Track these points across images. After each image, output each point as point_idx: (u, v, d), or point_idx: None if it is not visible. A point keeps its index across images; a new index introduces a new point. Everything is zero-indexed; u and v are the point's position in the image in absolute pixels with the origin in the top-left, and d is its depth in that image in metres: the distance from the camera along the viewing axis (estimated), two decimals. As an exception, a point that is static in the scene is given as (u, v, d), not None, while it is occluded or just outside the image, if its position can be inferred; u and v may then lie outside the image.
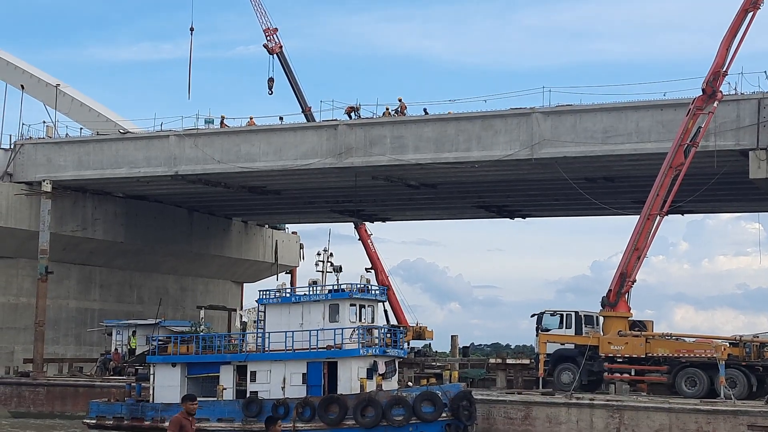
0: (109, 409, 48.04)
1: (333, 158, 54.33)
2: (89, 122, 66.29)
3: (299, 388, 44.24)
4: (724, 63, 45.30)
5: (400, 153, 53.03)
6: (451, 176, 56.27)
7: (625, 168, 52.30)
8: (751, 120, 46.46)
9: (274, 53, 64.12)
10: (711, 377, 43.22)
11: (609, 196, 56.58)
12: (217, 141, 57.94)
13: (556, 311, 49.09)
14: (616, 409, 41.30)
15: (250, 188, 62.19)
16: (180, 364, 47.48)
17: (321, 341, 44.43)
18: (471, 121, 52.00)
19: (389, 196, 63.61)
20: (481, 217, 71.58)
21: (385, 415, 41.64)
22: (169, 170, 58.53)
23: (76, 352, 66.88)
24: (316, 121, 58.25)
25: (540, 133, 50.04)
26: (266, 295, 47.26)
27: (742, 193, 55.59)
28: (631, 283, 46.44)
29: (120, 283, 70.31)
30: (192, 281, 75.46)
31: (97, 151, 61.08)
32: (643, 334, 46.00)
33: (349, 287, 45.66)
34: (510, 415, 43.10)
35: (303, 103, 63.38)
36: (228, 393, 45.73)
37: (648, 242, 46.42)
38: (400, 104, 55.01)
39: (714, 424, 39.27)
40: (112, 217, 66.09)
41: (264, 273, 79.12)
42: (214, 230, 73.39)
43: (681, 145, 45.27)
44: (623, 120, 49.03)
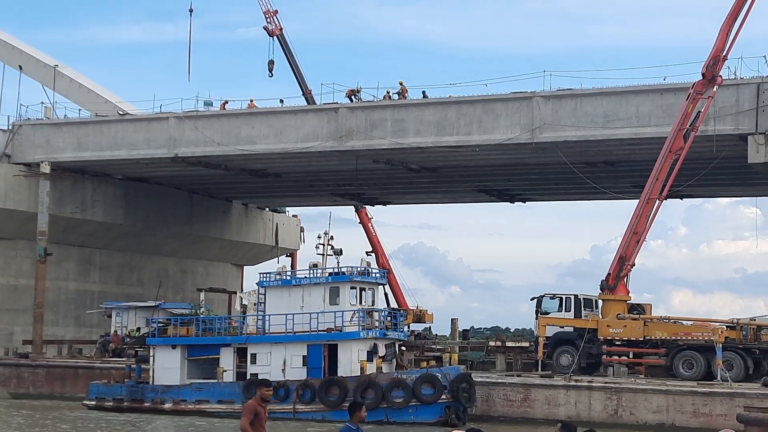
0: (108, 391, 48.26)
1: (334, 141, 54.40)
2: (88, 103, 66.19)
3: (299, 370, 44.46)
4: (724, 47, 45.36)
5: (401, 136, 53.11)
6: (451, 160, 56.33)
7: (624, 152, 52.40)
8: (750, 105, 46.56)
9: (274, 35, 64.02)
10: (708, 360, 43.48)
11: (609, 180, 56.69)
12: (217, 123, 57.96)
13: (556, 295, 49.26)
14: (614, 392, 41.53)
15: (251, 171, 62.21)
16: (180, 346, 47.68)
17: (321, 324, 44.63)
18: (472, 105, 52.06)
19: (390, 179, 63.68)
20: (481, 201, 71.67)
21: (385, 397, 41.88)
22: (169, 152, 58.55)
23: (76, 334, 66.95)
24: (317, 104, 58.25)
25: (540, 117, 50.10)
26: (267, 277, 47.43)
27: (741, 177, 55.70)
28: (630, 267, 46.63)
29: (120, 265, 70.36)
30: (192, 264, 75.52)
31: (96, 133, 61.06)
32: (641, 317, 46.23)
33: (349, 270, 45.83)
34: (509, 397, 43.33)
35: (303, 86, 63.34)
36: (228, 375, 45.95)
37: (647, 226, 46.58)
38: (401, 87, 55.02)
39: (711, 406, 39.52)
40: (112, 199, 66.10)
41: (264, 256, 79.20)
42: (214, 213, 73.42)
43: (680, 129, 45.38)
44: (623, 104, 49.12)
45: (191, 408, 45.56)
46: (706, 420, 39.41)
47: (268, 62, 63.96)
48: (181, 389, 46.52)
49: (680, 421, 40.06)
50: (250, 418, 15.22)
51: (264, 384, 15.72)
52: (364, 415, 14.64)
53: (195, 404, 45.68)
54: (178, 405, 46.00)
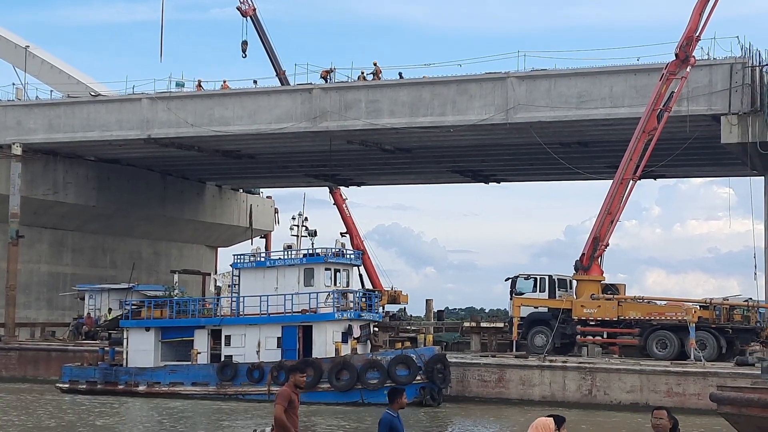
0: (82, 374, 48.10)
1: (308, 122, 54.21)
2: (60, 85, 65.64)
3: (274, 352, 44.44)
4: (697, 28, 45.47)
5: (375, 117, 52.99)
6: (426, 141, 56.29)
7: (598, 133, 52.50)
8: (723, 85, 46.72)
9: (247, 16, 63.57)
10: (681, 339, 43.74)
11: (583, 161, 56.79)
12: (190, 104, 57.62)
13: (530, 275, 49.34)
14: (589, 372, 41.73)
15: (224, 152, 61.95)
16: (154, 328, 47.57)
17: (296, 305, 44.60)
18: (446, 86, 51.99)
19: (364, 160, 63.58)
20: (456, 182, 71.68)
21: (360, 378, 41.91)
22: (142, 134, 58.19)
23: (49, 317, 66.63)
24: (291, 85, 57.98)
25: (515, 97, 50.10)
26: (241, 259, 47.34)
27: (714, 157, 55.94)
28: (604, 247, 46.78)
29: (92, 247, 70.00)
30: (166, 245, 75.25)
31: (68, 114, 60.61)
32: (615, 297, 46.41)
33: (324, 251, 45.79)
34: (484, 378, 43.45)
35: (277, 66, 62.97)
36: (202, 357, 45.88)
37: (621, 206, 46.73)
38: (376, 68, 54.86)
39: (684, 385, 39.80)
40: (84, 180, 65.68)
41: (238, 237, 79.02)
42: (187, 194, 73.11)
43: (654, 109, 45.49)
44: (597, 85, 49.19)
45: (165, 390, 45.45)
46: (680, 399, 39.67)
47: (242, 43, 63.51)
48: (155, 371, 46.39)
49: (654, 400, 40.21)
50: (285, 406, 14.21)
51: (298, 370, 14.70)
52: (405, 402, 13.82)
53: (169, 386, 45.58)
54: (152, 387, 45.90)
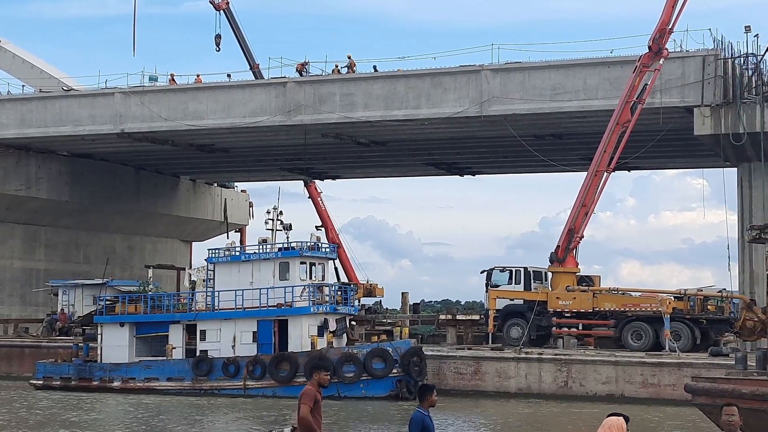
0: (56, 370, 47.80)
1: (282, 116, 54.06)
2: (32, 79, 65.21)
3: (250, 346, 44.32)
4: (669, 21, 45.66)
5: (350, 110, 52.90)
6: (400, 134, 56.28)
7: (573, 125, 52.63)
8: (696, 77, 46.94)
9: (220, 9, 63.25)
10: (656, 330, 43.93)
11: (557, 153, 56.93)
12: (164, 98, 57.35)
13: (506, 267, 49.42)
14: (564, 363, 41.86)
15: (198, 146, 61.71)
16: (128, 323, 47.33)
17: (271, 299, 44.49)
18: (420, 79, 51.98)
19: (339, 153, 63.49)
20: (431, 175, 71.68)
21: (336, 371, 41.85)
22: (115, 128, 57.88)
23: (22, 313, 66.21)
24: (265, 79, 57.79)
25: (489, 90, 50.14)
26: (216, 253, 47.17)
27: (688, 149, 56.20)
28: (579, 239, 46.93)
29: (66, 242, 69.59)
30: (140, 240, 74.89)
31: (40, 109, 60.20)
32: (590, 289, 46.56)
33: (299, 245, 45.71)
34: (460, 371, 43.52)
35: (251, 60, 62.74)
36: (177, 352, 45.70)
37: (595, 198, 46.89)
38: (350, 61, 54.75)
39: (659, 376, 39.99)
40: (57, 175, 65.27)
41: (213, 232, 78.74)
42: (161, 189, 72.78)
43: (628, 102, 45.64)
44: (571, 77, 49.29)
45: (140, 386, 45.25)
46: (655, 390, 39.88)
47: (215, 36, 63.16)
48: (130, 367, 46.17)
49: (629, 391, 40.48)
50: (311, 406, 13.74)
51: (323, 368, 14.21)
52: (435, 399, 13.51)
53: (144, 382, 45.39)
54: (127, 383, 45.68)
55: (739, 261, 48.47)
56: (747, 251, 47.32)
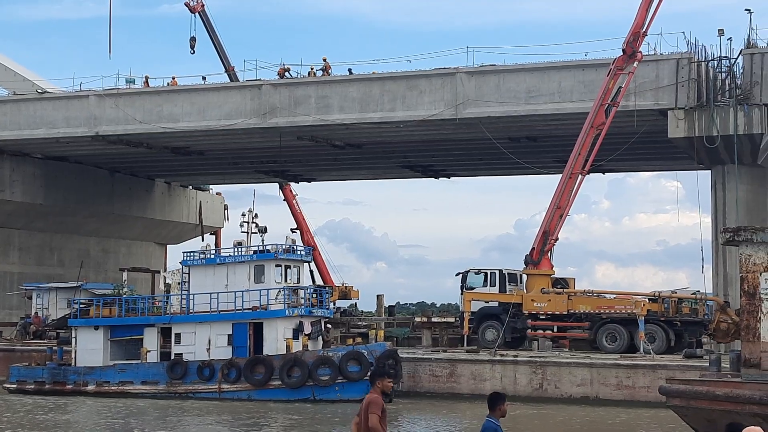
0: (30, 374, 47.56)
1: (257, 118, 53.96)
2: (5, 82, 64.84)
3: (225, 349, 44.21)
4: (643, 24, 45.88)
5: (325, 113, 52.86)
6: (376, 136, 56.28)
7: (547, 127, 52.77)
8: (670, 80, 47.18)
9: (195, 12, 63.13)
10: (631, 332, 44.08)
11: (532, 156, 57.07)
12: (139, 101, 57.14)
13: (481, 270, 49.49)
14: (539, 365, 41.96)
15: (173, 149, 61.50)
16: (103, 327, 47.15)
17: (246, 302, 44.40)
18: (395, 81, 52.01)
19: (314, 156, 63.41)
20: (406, 177, 71.72)
21: (312, 375, 41.81)
22: (90, 131, 57.61)
23: (-5, 317, 65.85)
24: (240, 81, 57.68)
25: (464, 93, 50.22)
26: (191, 256, 47.02)
27: (662, 151, 56.42)
28: (554, 241, 47.04)
29: (40, 245, 69.20)
30: (114, 243, 74.53)
31: (14, 112, 59.86)
32: (565, 291, 46.68)
33: (274, 248, 45.64)
34: (435, 373, 43.55)
35: (226, 62, 62.62)
36: (152, 355, 45.53)
37: (570, 201, 47.00)
38: (325, 64, 54.71)
39: (634, 378, 40.14)
40: (31, 178, 64.86)
41: (188, 234, 78.47)
42: (136, 191, 72.47)
43: (602, 104, 45.82)
44: (546, 80, 49.42)
45: (115, 390, 45.07)
46: (630, 392, 40.03)
47: (190, 39, 63.07)
48: (105, 371, 45.97)
49: (604, 393, 40.61)
50: (380, 415, 13.18)
51: (386, 375, 13.60)
52: (506, 409, 13.21)
53: (118, 386, 45.19)
54: (102, 387, 45.48)
55: (714, 263, 48.73)
56: (721, 253, 47.58)
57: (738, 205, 47.68)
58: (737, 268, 38.59)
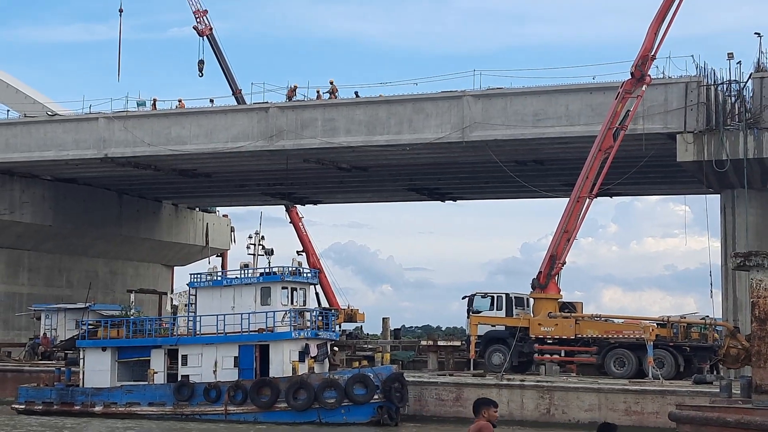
0: (38, 394, 47.52)
1: (264, 141, 54.08)
2: (16, 104, 65.18)
3: (231, 371, 44.10)
4: (652, 47, 45.87)
5: (332, 136, 52.94)
6: (382, 159, 56.32)
7: (554, 151, 52.75)
8: (679, 103, 47.14)
9: (204, 35, 63.49)
10: (639, 358, 43.84)
11: (539, 179, 57.02)
12: (147, 123, 57.32)
13: (487, 293, 49.40)
14: (546, 390, 41.73)
15: (181, 171, 61.64)
16: (110, 348, 47.09)
17: (253, 324, 44.34)
18: (402, 104, 52.07)
19: (320, 179, 63.50)
20: (412, 200, 71.71)
21: (317, 397, 41.69)
22: (99, 153, 57.81)
23: (4, 337, 65.87)
24: (247, 104, 57.87)
25: (471, 116, 50.24)
26: (197, 278, 47.01)
27: (670, 175, 56.37)
28: (561, 265, 46.90)
29: (49, 266, 69.34)
30: (122, 265, 74.66)
31: (24, 134, 60.13)
32: (572, 315, 46.51)
33: (280, 270, 45.59)
34: (441, 397, 43.35)
35: (233, 85, 62.90)
36: (159, 377, 45.45)
37: (577, 224, 46.92)
38: (332, 87, 54.86)
39: (642, 404, 39.87)
40: (41, 200, 65.10)
41: (195, 256, 78.55)
42: (144, 213, 72.64)
43: (610, 128, 45.77)
44: (553, 103, 49.43)
45: (122, 411, 44.98)
46: (638, 418, 39.77)
47: (198, 62, 63.46)
48: (112, 392, 45.90)
49: (612, 419, 40.23)
50: None
51: (492, 404, 13.22)
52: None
53: (126, 407, 45.11)
54: (109, 408, 45.40)
55: (723, 288, 48.55)
56: (730, 278, 47.42)
57: (748, 229, 47.56)
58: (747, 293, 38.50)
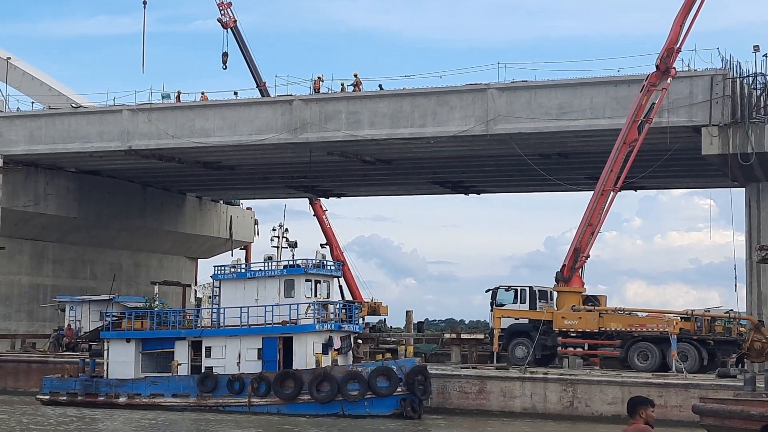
0: (62, 385, 47.82)
1: (288, 134, 54.14)
2: (41, 96, 65.53)
3: (254, 363, 44.26)
4: (677, 40, 45.63)
5: (356, 129, 52.95)
6: (406, 152, 56.29)
7: (579, 144, 52.58)
8: (704, 96, 46.87)
9: (228, 28, 63.58)
10: (663, 351, 43.76)
11: (563, 172, 56.87)
12: (171, 116, 57.47)
13: (511, 286, 49.35)
14: (570, 383, 41.68)
15: (205, 163, 61.82)
16: (134, 339, 47.33)
17: (276, 317, 44.46)
18: (426, 97, 52.00)
19: (344, 171, 63.54)
20: (436, 193, 71.71)
21: (341, 389, 41.77)
22: (123, 145, 58.03)
23: (29, 328, 66.32)
24: (271, 97, 57.93)
25: (495, 109, 50.13)
26: (221, 270, 47.16)
27: (695, 169, 56.11)
28: (585, 259, 46.81)
29: (73, 258, 69.75)
30: (146, 257, 75.02)
31: (49, 126, 60.42)
32: (596, 308, 46.42)
33: (304, 263, 45.68)
34: (465, 390, 43.36)
35: (257, 78, 62.98)
36: (183, 369, 45.66)
37: (602, 218, 46.79)
38: (356, 79, 54.82)
39: (666, 397, 39.77)
40: (65, 192, 65.45)
41: (218, 249, 78.84)
42: (168, 206, 72.92)
43: (635, 121, 45.60)
44: (578, 96, 49.24)
45: (146, 402, 45.21)
46: (662, 411, 39.55)
47: (222, 54, 63.53)
48: (136, 383, 46.14)
49: (635, 411, 40.17)
50: None
51: (650, 403, 12.22)
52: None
53: (149, 398, 45.34)
54: (133, 399, 45.65)
55: (747, 282, 48.31)
56: (755, 272, 47.19)
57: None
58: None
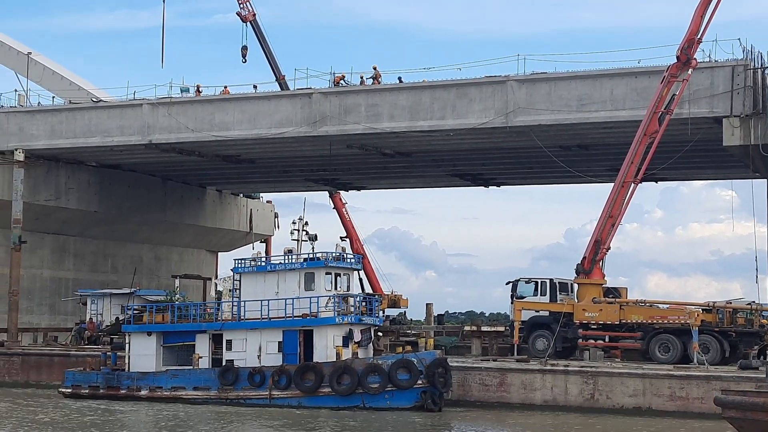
0: (84, 378, 48.08)
1: (307, 127, 54.19)
2: (61, 91, 65.81)
3: (275, 356, 44.39)
4: (698, 30, 45.39)
5: (375, 121, 52.93)
6: (425, 144, 56.26)
7: (599, 135, 52.42)
8: (725, 87, 46.64)
9: (247, 21, 63.61)
10: (684, 343, 43.64)
11: (583, 164, 56.73)
12: (191, 110, 57.60)
13: (531, 279, 49.27)
14: (591, 376, 41.61)
15: (225, 157, 61.97)
16: (155, 333, 47.52)
17: (297, 309, 44.54)
18: (446, 90, 51.93)
19: (364, 164, 63.57)
20: (455, 186, 71.65)
21: (361, 382, 41.83)
22: (143, 139, 58.22)
23: (51, 322, 66.70)
24: (291, 90, 57.98)
25: (515, 101, 50.02)
26: (242, 263, 47.27)
27: (716, 160, 55.87)
28: (606, 251, 46.68)
29: (94, 252, 70.08)
30: (166, 250, 75.28)
31: (69, 120, 60.64)
32: (617, 300, 46.31)
33: (324, 256, 45.74)
34: (485, 382, 43.37)
35: (277, 71, 63.02)
36: (204, 362, 45.82)
37: (622, 210, 46.64)
38: (375, 72, 54.80)
39: (687, 389, 39.69)
40: (86, 186, 65.71)
41: (239, 242, 79.02)
42: (188, 199, 73.15)
43: (655, 112, 45.41)
44: (598, 88, 49.07)
45: (167, 395, 45.39)
46: (683, 403, 39.59)
47: (242, 48, 63.58)
48: (157, 376, 46.33)
49: (657, 404, 40.19)
50: None
51: None
52: None
53: (171, 391, 45.52)
54: (154, 392, 45.84)
55: (768, 273, 48.13)
56: (776, 263, 46.99)
57: (794, 214, 47.05)
58: (793, 278, 38.24)
